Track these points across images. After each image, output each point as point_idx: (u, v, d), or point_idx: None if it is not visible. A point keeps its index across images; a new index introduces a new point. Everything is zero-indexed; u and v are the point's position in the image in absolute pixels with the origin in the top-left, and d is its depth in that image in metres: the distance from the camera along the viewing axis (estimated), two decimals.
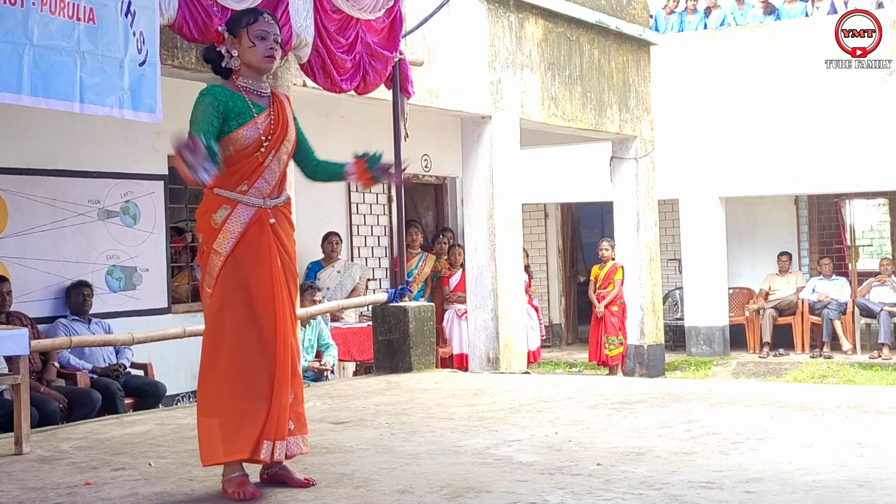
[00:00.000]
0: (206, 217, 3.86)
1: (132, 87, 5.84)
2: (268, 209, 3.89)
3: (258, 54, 3.87)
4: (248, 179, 3.84)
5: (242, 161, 3.83)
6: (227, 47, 3.90)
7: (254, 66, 3.89)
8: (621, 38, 11.62)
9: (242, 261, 3.81)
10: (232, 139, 3.81)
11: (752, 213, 15.04)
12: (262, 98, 3.92)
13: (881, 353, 12.89)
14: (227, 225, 3.81)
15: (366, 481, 4.03)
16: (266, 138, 3.87)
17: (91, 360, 7.42)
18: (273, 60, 3.92)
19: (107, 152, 8.16)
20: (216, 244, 3.81)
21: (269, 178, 3.90)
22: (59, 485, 4.15)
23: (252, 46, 3.86)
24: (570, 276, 16.19)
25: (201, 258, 3.88)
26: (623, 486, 3.81)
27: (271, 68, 3.95)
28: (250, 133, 3.83)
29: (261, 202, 3.86)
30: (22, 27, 5.28)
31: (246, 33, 3.87)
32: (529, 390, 6.73)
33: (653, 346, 12.07)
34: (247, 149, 3.83)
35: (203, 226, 3.88)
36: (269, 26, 3.90)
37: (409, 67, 8.06)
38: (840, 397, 6.04)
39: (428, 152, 11.85)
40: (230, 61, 3.90)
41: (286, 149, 3.96)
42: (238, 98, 3.85)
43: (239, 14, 4.03)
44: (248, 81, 3.90)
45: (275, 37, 3.91)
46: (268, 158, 3.88)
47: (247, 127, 3.82)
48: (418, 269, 10.86)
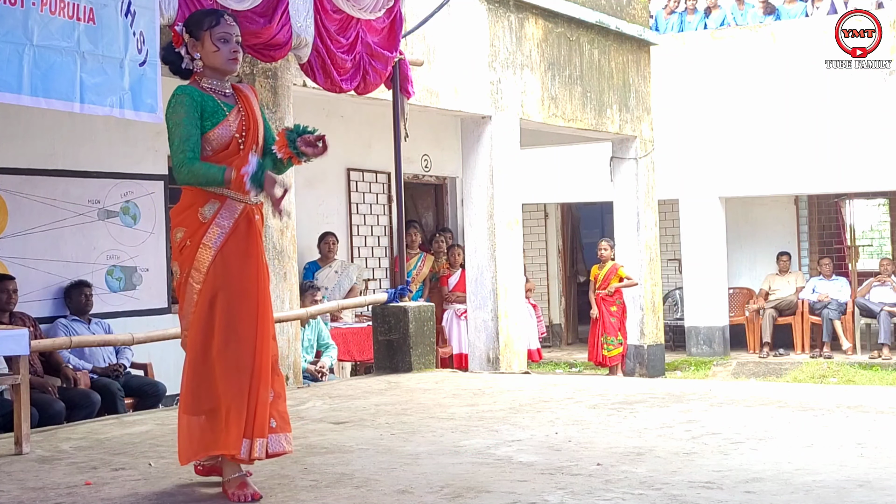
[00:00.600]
0: (191, 211, 3.80)
1: (132, 87, 5.84)
2: (252, 206, 3.88)
3: (222, 57, 3.84)
4: None
5: (222, 161, 3.80)
6: (188, 50, 3.85)
7: (218, 69, 3.86)
8: (621, 38, 11.62)
9: (231, 257, 3.79)
10: (207, 139, 3.78)
11: (752, 213, 15.04)
12: (228, 97, 3.90)
13: (881, 353, 12.89)
14: (218, 219, 3.78)
15: (366, 481, 4.03)
16: (241, 136, 3.85)
17: (91, 361, 7.42)
18: (237, 63, 3.89)
19: (107, 152, 8.16)
20: (206, 238, 3.77)
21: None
22: (59, 485, 4.15)
23: (216, 50, 3.83)
24: (570, 276, 16.19)
25: (184, 253, 3.81)
26: (623, 486, 3.81)
27: (236, 70, 3.93)
28: (224, 133, 3.80)
29: (246, 198, 3.84)
30: (22, 27, 5.28)
31: (209, 36, 3.83)
32: (529, 390, 6.73)
33: (653, 346, 12.08)
34: (225, 149, 3.81)
35: (187, 220, 3.81)
36: (231, 27, 3.87)
37: (409, 67, 8.06)
38: (840, 397, 6.04)
39: (428, 152, 11.85)
40: (191, 64, 3.86)
41: (260, 140, 3.93)
42: (208, 98, 3.82)
43: (199, 15, 3.95)
44: (212, 83, 3.87)
45: (237, 38, 3.88)
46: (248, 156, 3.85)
47: (220, 127, 3.80)
48: (417, 269, 10.87)
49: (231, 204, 3.81)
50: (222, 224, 3.79)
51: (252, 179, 3.64)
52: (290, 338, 7.40)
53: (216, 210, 3.79)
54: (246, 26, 6.48)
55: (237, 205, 3.82)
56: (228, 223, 3.79)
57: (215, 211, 3.78)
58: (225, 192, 3.79)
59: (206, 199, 3.79)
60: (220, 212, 3.79)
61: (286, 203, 4.04)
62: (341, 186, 10.80)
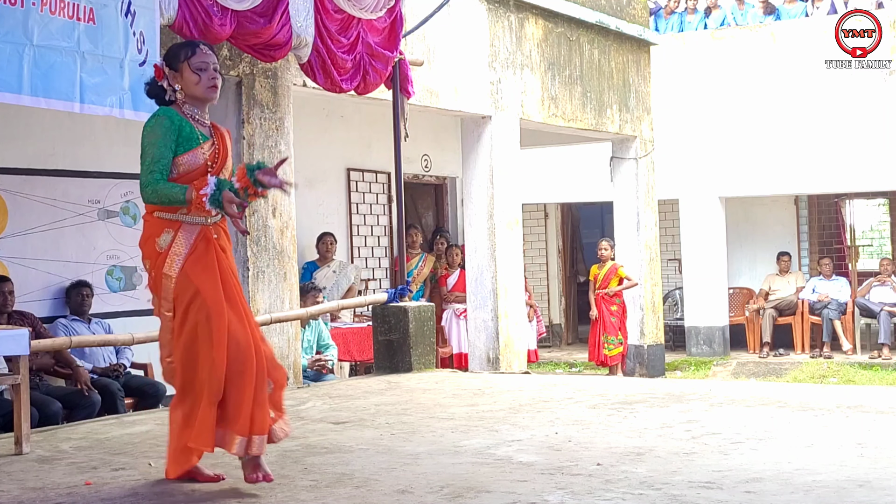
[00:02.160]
0: (149, 243, 3.92)
1: (132, 87, 5.84)
2: (210, 226, 3.95)
3: (202, 86, 3.95)
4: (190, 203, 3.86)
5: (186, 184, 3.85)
6: (169, 82, 3.97)
7: (198, 98, 3.98)
8: (621, 38, 11.62)
9: (192, 272, 3.86)
10: (177, 163, 3.86)
11: (752, 213, 15.03)
12: (205, 128, 3.99)
13: (881, 353, 12.89)
14: (174, 248, 3.87)
15: (366, 481, 4.03)
16: (212, 164, 3.93)
17: (91, 360, 7.41)
18: (216, 90, 4.00)
19: (107, 152, 8.16)
20: (165, 268, 3.87)
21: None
22: (59, 485, 4.15)
23: (197, 80, 3.94)
24: (570, 276, 16.19)
25: (152, 284, 3.94)
26: (623, 486, 3.81)
27: (215, 97, 4.03)
28: (195, 159, 3.89)
29: (203, 220, 3.92)
30: (22, 27, 5.28)
31: (187, 66, 3.95)
32: (529, 390, 6.73)
33: (653, 346, 12.07)
34: (191, 174, 3.87)
35: (149, 252, 3.93)
36: (208, 56, 3.99)
37: (409, 67, 8.06)
38: (840, 397, 6.04)
39: (428, 152, 11.85)
40: (173, 95, 3.97)
41: (226, 172, 4.00)
42: (187, 124, 3.91)
43: (176, 48, 4.08)
44: (193, 110, 3.98)
45: (214, 66, 4.00)
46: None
47: (192, 153, 3.88)
48: (417, 269, 10.87)
49: (187, 228, 3.89)
50: (178, 251, 3.88)
51: (211, 199, 3.71)
52: (290, 338, 7.41)
53: (171, 238, 3.87)
54: (246, 26, 6.48)
55: (193, 228, 3.90)
56: (185, 249, 3.88)
57: (170, 240, 3.87)
58: (179, 218, 3.87)
59: (161, 228, 3.89)
60: (176, 239, 3.87)
61: (287, 204, 4.06)
62: (341, 186, 10.80)
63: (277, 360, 4.09)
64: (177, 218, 3.87)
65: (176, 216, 3.87)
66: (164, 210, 3.87)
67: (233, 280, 3.98)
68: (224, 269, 3.95)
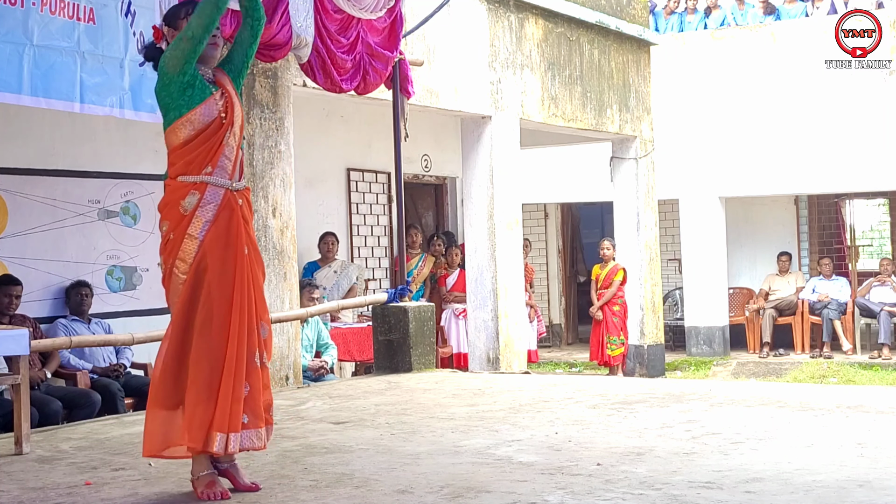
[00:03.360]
0: (173, 207, 3.83)
1: (132, 87, 5.85)
2: (234, 192, 3.89)
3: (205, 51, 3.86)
4: (211, 161, 3.83)
5: (204, 143, 3.83)
6: (168, 41, 3.90)
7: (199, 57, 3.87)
8: (621, 38, 11.62)
9: (212, 248, 3.79)
10: (191, 119, 3.81)
11: (752, 213, 15.04)
12: (212, 81, 3.93)
13: (881, 353, 12.89)
14: (200, 210, 3.80)
15: (366, 481, 4.03)
16: (224, 114, 3.87)
17: (91, 360, 7.42)
18: (217, 48, 3.93)
19: (107, 152, 8.16)
20: (191, 228, 3.79)
21: (230, 155, 3.88)
22: (59, 485, 4.15)
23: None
24: (570, 276, 16.19)
25: (169, 246, 3.84)
26: (623, 486, 3.81)
27: (216, 55, 3.95)
28: (209, 111, 3.83)
29: (228, 183, 3.87)
30: (22, 27, 5.28)
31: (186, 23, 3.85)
32: (529, 390, 6.73)
33: (653, 346, 12.08)
34: (207, 128, 3.83)
35: (170, 214, 3.84)
36: None
37: (409, 67, 8.06)
38: (840, 397, 6.04)
39: (428, 152, 11.85)
40: None
41: (238, 121, 3.94)
42: (200, 76, 3.85)
43: (176, 8, 4.03)
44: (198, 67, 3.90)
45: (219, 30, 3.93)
46: (226, 136, 3.87)
47: (206, 104, 3.83)
48: (417, 269, 10.87)
49: (212, 191, 3.83)
50: (205, 214, 3.80)
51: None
52: (290, 337, 7.40)
53: (197, 201, 3.80)
54: None
55: (218, 191, 3.84)
56: (211, 213, 3.81)
57: (196, 202, 3.80)
58: (204, 179, 3.82)
59: (186, 191, 3.81)
60: (202, 201, 3.80)
61: (287, 204, 4.05)
62: (341, 186, 10.80)
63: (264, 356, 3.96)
64: (202, 179, 3.80)
65: (201, 177, 3.81)
66: (187, 173, 3.81)
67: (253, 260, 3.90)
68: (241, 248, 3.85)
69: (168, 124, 3.87)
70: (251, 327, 3.86)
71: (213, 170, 3.83)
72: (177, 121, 3.82)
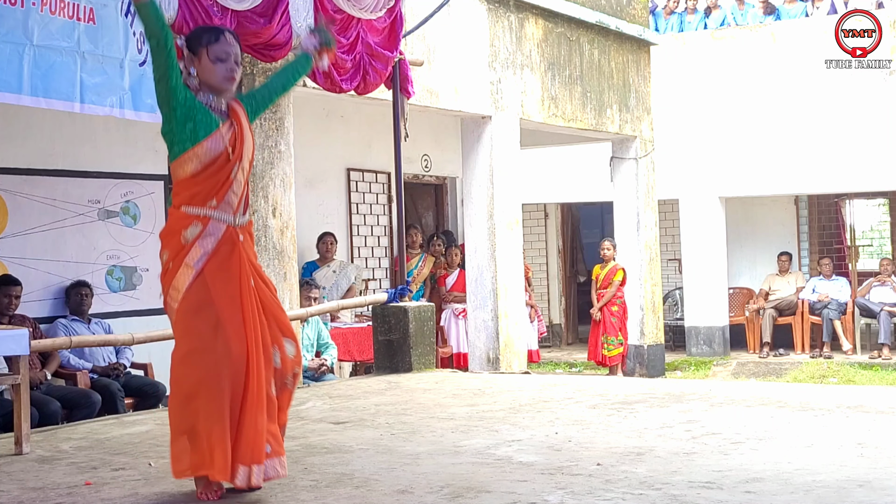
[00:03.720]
0: (174, 236, 3.78)
1: (132, 87, 5.85)
2: (236, 227, 3.84)
3: (218, 76, 3.81)
4: (217, 195, 3.77)
5: (211, 177, 3.77)
6: (185, 64, 3.82)
7: (213, 87, 3.83)
8: (621, 38, 11.62)
9: (212, 278, 3.74)
10: (196, 153, 3.75)
11: (752, 213, 15.04)
12: (222, 113, 3.87)
13: (881, 353, 12.89)
14: (201, 241, 3.75)
15: (366, 481, 4.03)
16: (232, 149, 3.81)
17: (91, 360, 7.42)
18: (233, 81, 3.86)
19: (107, 152, 8.16)
20: (188, 258, 3.73)
21: (237, 190, 3.83)
22: (59, 485, 4.15)
23: (212, 68, 3.80)
24: (570, 276, 16.20)
25: (166, 275, 3.80)
26: (623, 486, 3.81)
27: (231, 89, 3.88)
28: (215, 145, 3.77)
29: (231, 219, 3.81)
30: (22, 27, 5.28)
31: (206, 53, 3.79)
32: (529, 390, 6.73)
33: (653, 346, 12.08)
34: (214, 163, 3.77)
35: (170, 243, 3.79)
36: (230, 46, 3.83)
37: (409, 67, 8.05)
38: (840, 397, 6.04)
39: (428, 152, 11.85)
40: (189, 79, 3.82)
41: (247, 157, 3.89)
42: (201, 106, 3.79)
43: (199, 31, 3.97)
44: (208, 97, 3.83)
45: (235, 57, 3.85)
46: (234, 170, 3.81)
47: (212, 139, 3.76)
48: (417, 269, 10.87)
49: (214, 225, 3.77)
50: (205, 246, 3.75)
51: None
52: None
53: (199, 232, 3.75)
54: (246, 26, 6.48)
55: (220, 226, 3.78)
56: (211, 245, 3.76)
57: (198, 233, 3.75)
58: (208, 213, 3.77)
59: (189, 221, 3.76)
60: (203, 233, 3.76)
61: (287, 204, 4.03)
62: (341, 186, 10.81)
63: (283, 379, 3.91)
64: (206, 213, 3.76)
65: (205, 210, 3.76)
66: (192, 205, 3.76)
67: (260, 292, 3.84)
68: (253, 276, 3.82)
69: (173, 158, 3.80)
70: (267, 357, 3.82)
71: (218, 204, 3.78)
72: (182, 155, 3.75)
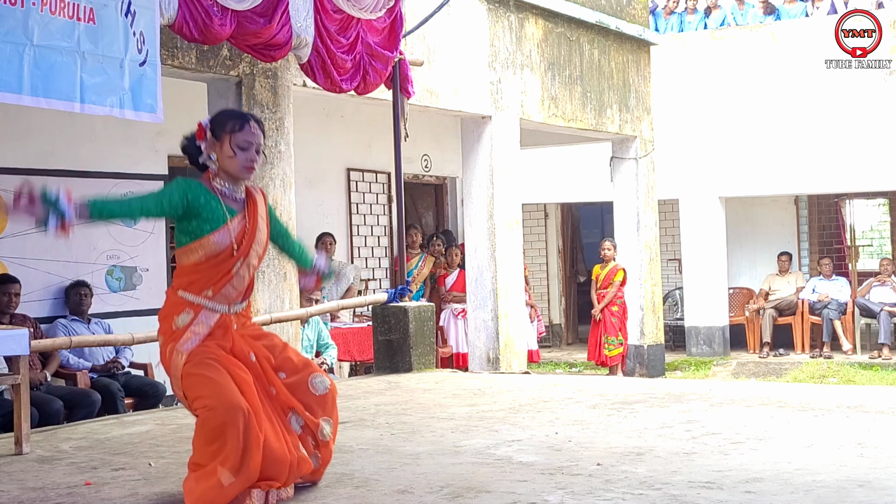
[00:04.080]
0: (167, 320, 3.76)
1: (132, 87, 5.84)
2: (231, 315, 3.81)
3: (237, 164, 3.76)
4: (215, 286, 3.74)
5: (211, 269, 3.74)
6: (206, 148, 3.77)
7: (231, 174, 3.79)
8: (621, 38, 11.62)
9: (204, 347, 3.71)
10: (203, 244, 3.71)
11: (752, 213, 15.04)
12: (237, 202, 3.82)
13: (881, 353, 12.89)
14: (192, 327, 3.72)
15: (366, 481, 4.03)
16: (237, 246, 3.76)
17: (91, 360, 7.42)
18: (252, 171, 3.81)
19: (107, 152, 8.16)
20: (179, 344, 3.70)
21: (237, 285, 3.79)
22: (59, 485, 4.15)
23: (232, 156, 3.75)
24: (570, 276, 16.19)
25: (163, 357, 3.77)
26: (623, 486, 3.81)
27: (249, 178, 3.85)
28: (222, 239, 3.72)
29: (226, 308, 3.78)
30: (22, 27, 5.28)
31: (228, 140, 3.74)
32: (529, 390, 6.73)
33: (653, 346, 12.07)
34: (217, 256, 3.73)
35: (165, 326, 3.77)
36: (254, 136, 3.78)
37: (409, 67, 8.06)
38: (840, 397, 6.04)
39: (428, 152, 11.85)
40: (208, 162, 3.78)
41: (256, 253, 3.84)
42: (213, 199, 3.74)
43: (224, 117, 3.87)
44: (223, 185, 3.79)
45: (257, 146, 3.79)
46: (236, 266, 3.76)
47: (219, 233, 3.72)
48: (417, 269, 10.87)
49: (207, 314, 3.74)
50: (197, 331, 3.73)
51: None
52: (290, 338, 7.40)
53: (189, 320, 3.73)
54: (246, 26, 6.48)
55: (213, 315, 3.75)
56: (203, 331, 3.73)
57: (189, 321, 3.73)
58: (201, 302, 3.74)
59: (182, 307, 3.74)
60: (195, 321, 3.73)
61: (287, 204, 4.00)
62: (341, 186, 10.81)
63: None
64: (199, 302, 3.73)
65: (199, 299, 3.73)
66: (188, 291, 3.74)
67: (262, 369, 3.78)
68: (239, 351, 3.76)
69: (179, 245, 3.78)
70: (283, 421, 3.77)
71: (213, 295, 3.75)
72: (188, 244, 3.73)
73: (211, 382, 3.60)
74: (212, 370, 3.64)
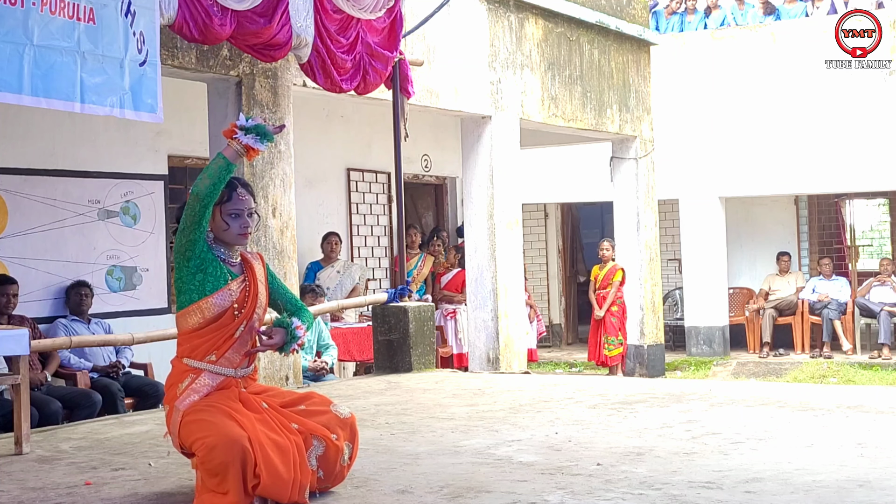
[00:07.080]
0: (172, 388, 3.75)
1: (132, 86, 5.84)
2: (238, 378, 3.79)
3: (232, 233, 3.78)
4: (218, 351, 3.73)
5: (213, 333, 3.73)
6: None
7: (227, 242, 3.80)
8: (621, 38, 11.62)
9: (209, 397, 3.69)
10: (201, 308, 3.70)
11: (752, 213, 15.03)
12: (235, 266, 3.83)
13: (881, 353, 12.89)
14: (193, 385, 3.71)
15: (366, 481, 4.03)
16: (239, 309, 3.76)
17: (91, 360, 7.42)
18: (247, 237, 3.83)
19: (107, 152, 8.17)
20: (178, 402, 3.69)
21: (240, 349, 3.78)
22: (59, 485, 4.15)
23: (227, 227, 3.76)
24: (570, 277, 16.19)
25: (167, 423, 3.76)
26: (623, 486, 3.81)
27: (245, 244, 3.86)
28: (222, 301, 3.72)
29: (231, 371, 3.77)
30: (22, 27, 5.28)
31: (219, 211, 3.75)
32: (529, 390, 6.73)
33: (653, 346, 12.07)
34: (219, 319, 3.72)
35: (170, 394, 3.76)
36: (244, 202, 3.79)
37: (409, 67, 8.06)
38: (840, 397, 6.05)
39: (428, 152, 11.85)
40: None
41: (258, 316, 3.84)
42: (215, 261, 3.75)
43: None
44: (220, 251, 3.79)
45: (249, 211, 3.80)
46: (239, 330, 3.76)
47: (220, 294, 3.71)
48: (417, 269, 10.87)
49: (210, 376, 3.73)
50: (198, 389, 3.71)
51: (249, 131, 3.69)
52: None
53: (191, 381, 3.72)
54: (246, 26, 6.48)
55: (217, 377, 3.74)
56: (206, 389, 3.71)
57: (189, 383, 3.72)
58: (203, 367, 3.72)
59: (185, 375, 3.73)
60: (196, 380, 3.71)
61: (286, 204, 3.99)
62: (341, 186, 10.81)
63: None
64: (202, 367, 3.71)
65: (202, 364, 3.71)
66: (191, 357, 3.72)
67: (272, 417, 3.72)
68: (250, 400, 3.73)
69: (179, 308, 3.77)
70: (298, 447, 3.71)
71: (217, 359, 3.74)
72: (188, 307, 3.72)
73: (208, 423, 3.58)
74: (208, 413, 3.62)
